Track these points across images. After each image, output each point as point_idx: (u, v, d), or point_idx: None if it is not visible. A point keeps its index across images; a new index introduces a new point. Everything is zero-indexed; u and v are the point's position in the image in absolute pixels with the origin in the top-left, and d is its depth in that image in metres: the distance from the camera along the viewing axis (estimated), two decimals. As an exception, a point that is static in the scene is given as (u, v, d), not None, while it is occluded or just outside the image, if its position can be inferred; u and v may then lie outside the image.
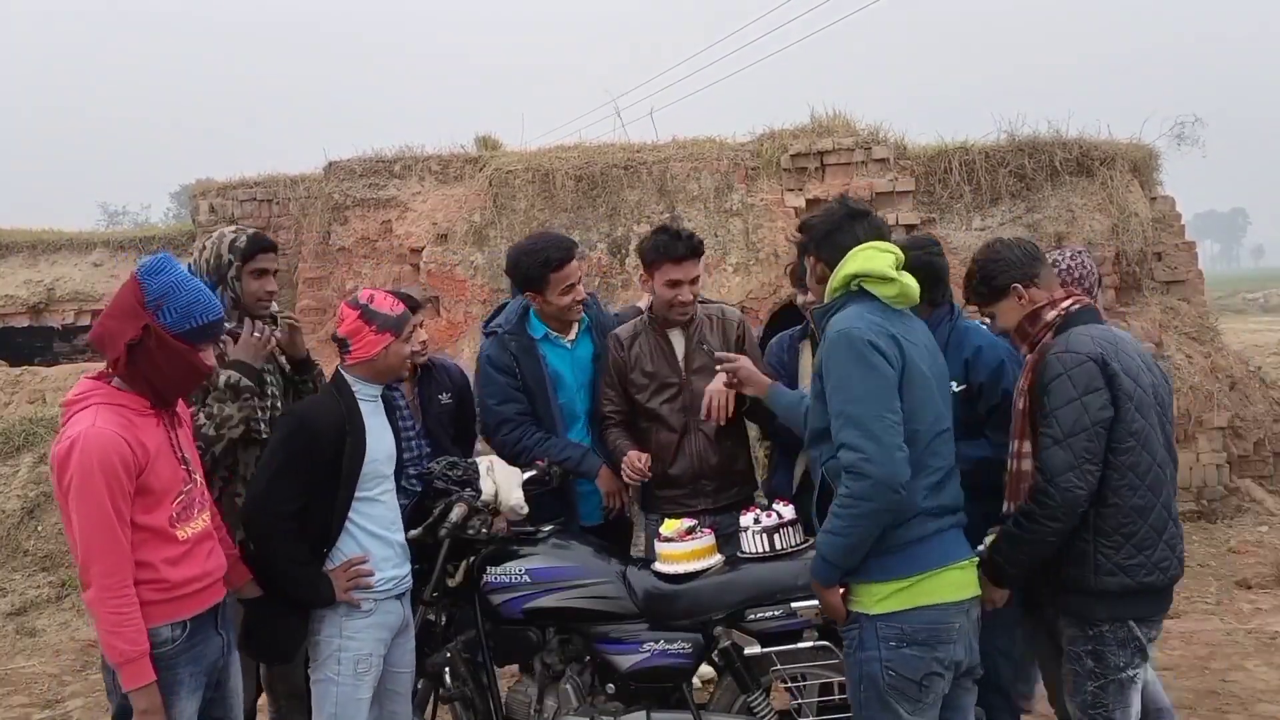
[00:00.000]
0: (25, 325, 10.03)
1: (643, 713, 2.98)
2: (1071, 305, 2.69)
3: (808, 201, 7.22)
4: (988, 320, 2.86)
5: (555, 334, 3.55)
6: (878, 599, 2.40)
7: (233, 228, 3.15)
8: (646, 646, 2.96)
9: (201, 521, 2.53)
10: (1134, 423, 2.51)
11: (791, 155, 7.28)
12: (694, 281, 3.41)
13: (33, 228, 11.17)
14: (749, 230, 7.17)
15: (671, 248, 3.36)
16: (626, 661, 2.97)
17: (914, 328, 2.53)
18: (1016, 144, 7.39)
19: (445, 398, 3.57)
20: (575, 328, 3.60)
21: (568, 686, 3.07)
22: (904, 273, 2.50)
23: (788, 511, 2.99)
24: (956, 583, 2.43)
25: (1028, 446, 2.61)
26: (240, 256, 3.04)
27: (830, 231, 2.57)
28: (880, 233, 2.57)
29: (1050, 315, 2.68)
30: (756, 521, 2.97)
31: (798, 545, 2.93)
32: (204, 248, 3.08)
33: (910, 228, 7.01)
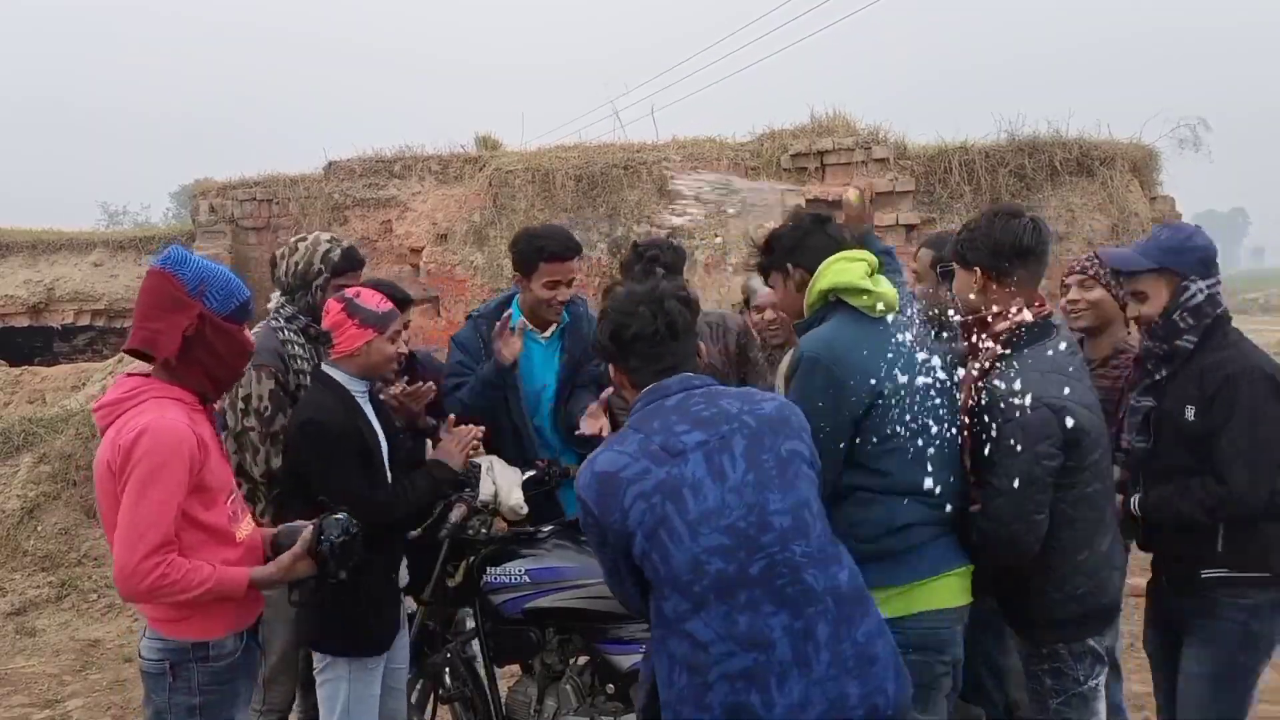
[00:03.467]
0: (25, 325, 10.03)
1: (643, 713, 2.98)
2: (1023, 319, 2.46)
3: (808, 201, 7.22)
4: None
5: (532, 328, 3.55)
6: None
7: (329, 237, 3.26)
8: (646, 646, 2.96)
9: (250, 524, 2.51)
10: (1089, 455, 2.40)
11: (791, 155, 7.29)
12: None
13: (33, 228, 11.17)
14: (749, 230, 7.17)
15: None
16: (626, 661, 2.97)
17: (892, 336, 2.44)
18: (1016, 144, 7.40)
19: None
20: (553, 329, 3.60)
21: (568, 686, 3.07)
22: (880, 279, 2.47)
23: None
24: (953, 589, 2.39)
25: (968, 462, 2.50)
26: (331, 270, 3.16)
27: (803, 238, 2.59)
28: (843, 234, 2.62)
29: (999, 327, 2.48)
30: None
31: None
32: (295, 249, 3.18)
33: (910, 228, 7.01)
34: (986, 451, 2.40)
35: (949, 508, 2.40)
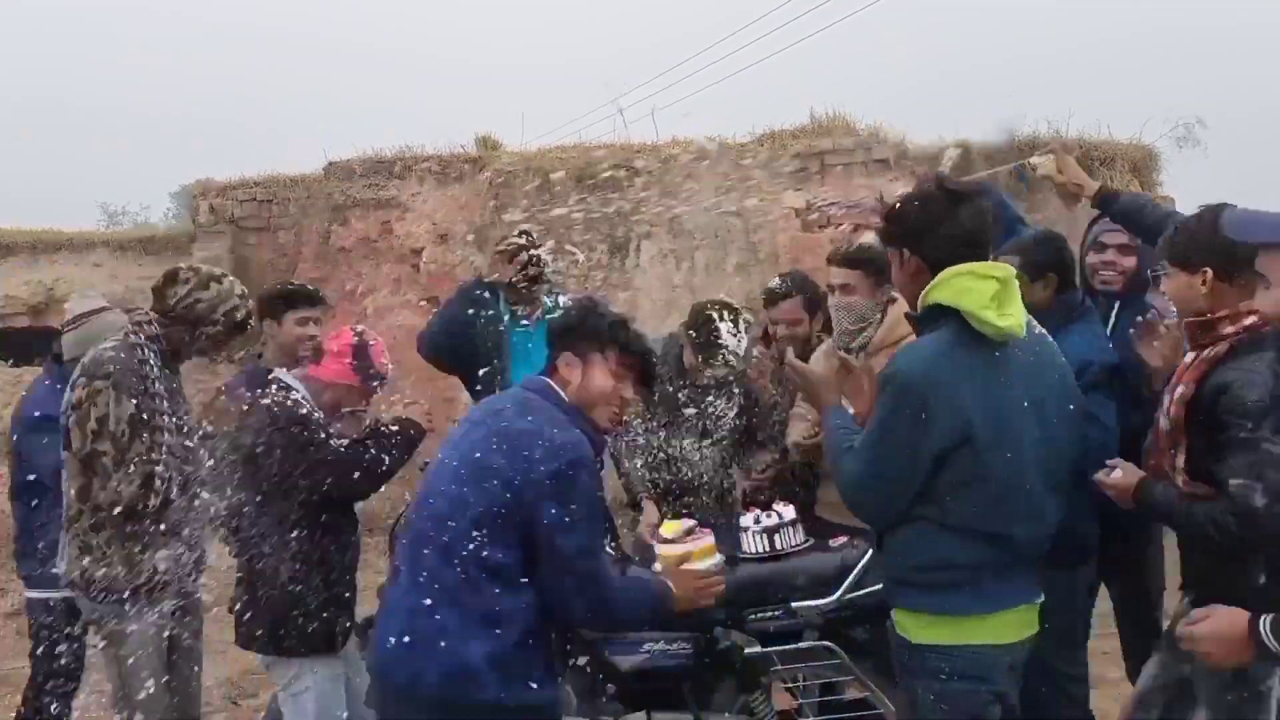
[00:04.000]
0: (26, 325, 10.03)
1: (643, 713, 2.97)
2: (1252, 323, 2.30)
3: (808, 202, 7.23)
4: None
5: (521, 309, 3.54)
6: (921, 627, 2.22)
7: (241, 292, 3.05)
8: (646, 646, 2.96)
9: None
10: None
11: (792, 155, 7.29)
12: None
13: (33, 228, 11.16)
14: (749, 230, 7.18)
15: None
16: (626, 661, 2.97)
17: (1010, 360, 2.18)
18: (1016, 144, 7.40)
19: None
20: (537, 315, 3.53)
21: (568, 686, 3.07)
22: (1013, 299, 2.17)
23: (788, 511, 2.99)
24: (1011, 624, 2.22)
25: (1181, 460, 2.32)
26: (229, 330, 3.02)
27: (930, 222, 2.20)
28: (984, 220, 2.23)
29: (1228, 330, 2.30)
30: (757, 521, 2.97)
31: (798, 545, 2.94)
32: (206, 285, 2.98)
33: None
34: (1219, 451, 2.23)
35: (1034, 549, 2.24)
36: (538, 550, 2.17)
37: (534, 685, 2.21)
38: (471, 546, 2.16)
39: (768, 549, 2.93)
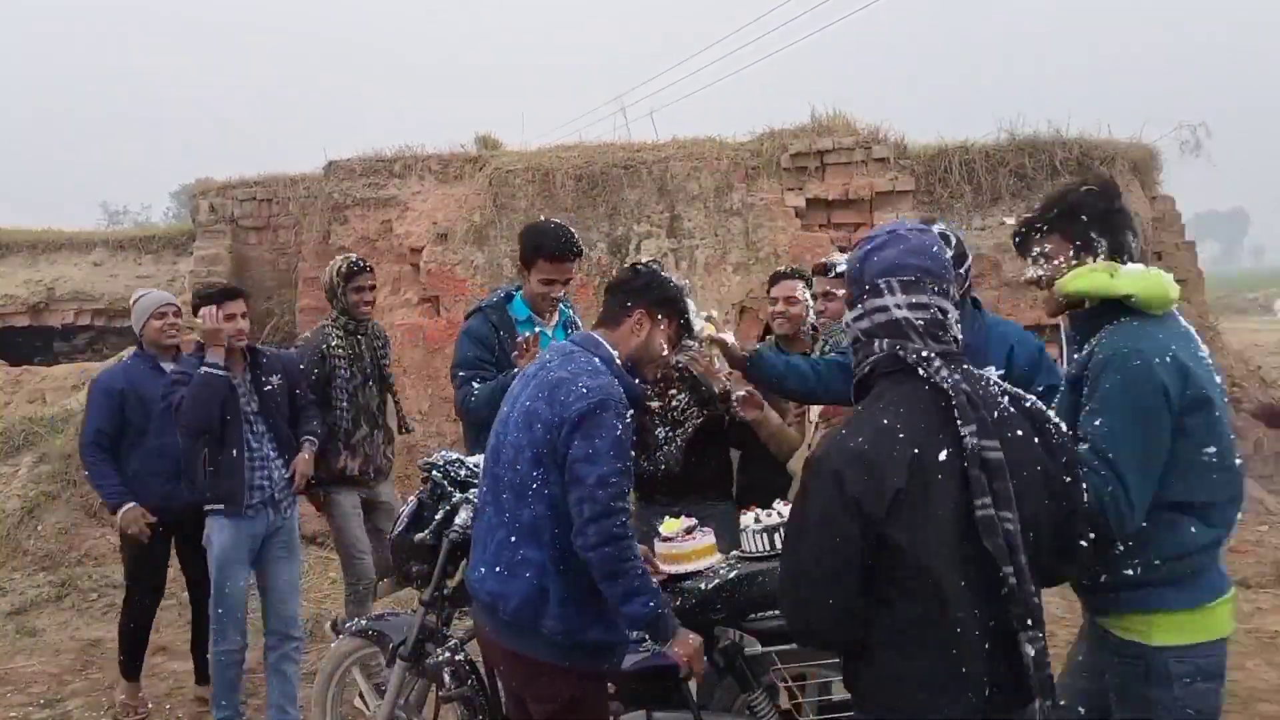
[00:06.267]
0: (25, 325, 10.03)
1: (643, 713, 2.97)
2: None
3: (808, 201, 7.23)
4: None
5: (538, 318, 3.74)
6: (1164, 630, 2.15)
7: (342, 256, 4.48)
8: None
9: None
10: None
11: (791, 155, 7.28)
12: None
13: (33, 228, 11.17)
14: (749, 230, 7.17)
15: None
16: (626, 661, 2.97)
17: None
18: (1016, 143, 7.40)
19: (277, 379, 4.06)
20: (554, 318, 3.80)
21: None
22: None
23: (788, 511, 2.98)
24: (1230, 615, 2.20)
25: None
26: (343, 279, 4.42)
27: (1110, 211, 2.28)
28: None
29: None
30: (757, 521, 2.97)
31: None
32: (326, 269, 4.53)
33: (910, 227, 7.01)
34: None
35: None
36: (567, 482, 2.38)
37: (593, 625, 2.47)
38: (535, 486, 2.41)
39: (768, 549, 2.93)
